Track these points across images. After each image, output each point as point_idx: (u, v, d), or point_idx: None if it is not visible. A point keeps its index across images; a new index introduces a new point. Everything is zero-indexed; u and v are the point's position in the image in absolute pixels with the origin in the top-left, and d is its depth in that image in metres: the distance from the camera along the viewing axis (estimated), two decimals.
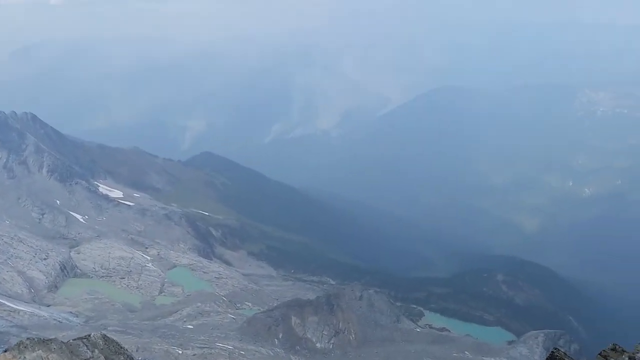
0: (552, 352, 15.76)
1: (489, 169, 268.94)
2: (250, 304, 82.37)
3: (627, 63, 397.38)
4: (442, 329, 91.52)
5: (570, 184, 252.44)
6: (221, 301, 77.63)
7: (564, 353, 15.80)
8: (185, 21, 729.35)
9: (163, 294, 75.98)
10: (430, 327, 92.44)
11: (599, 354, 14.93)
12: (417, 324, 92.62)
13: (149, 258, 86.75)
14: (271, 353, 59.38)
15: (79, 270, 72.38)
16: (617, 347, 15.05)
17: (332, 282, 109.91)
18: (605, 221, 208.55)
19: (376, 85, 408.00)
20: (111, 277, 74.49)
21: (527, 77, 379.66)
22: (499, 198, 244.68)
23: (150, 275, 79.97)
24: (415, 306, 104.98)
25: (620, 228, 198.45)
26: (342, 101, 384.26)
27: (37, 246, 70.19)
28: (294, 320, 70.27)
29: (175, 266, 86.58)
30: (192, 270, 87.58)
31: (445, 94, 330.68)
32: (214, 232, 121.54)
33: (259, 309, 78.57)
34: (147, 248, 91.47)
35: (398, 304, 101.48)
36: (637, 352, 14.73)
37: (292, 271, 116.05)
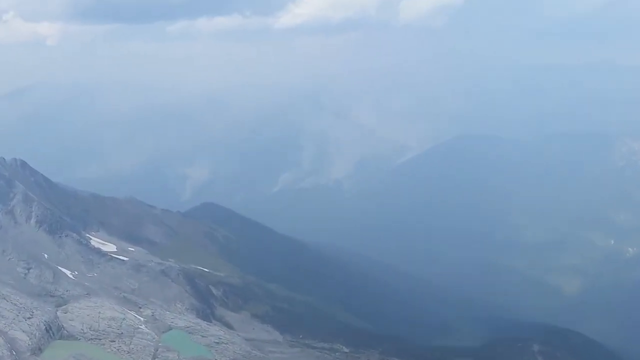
0: None
1: (520, 225, 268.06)
2: None
3: None
4: None
5: (612, 242, 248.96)
6: None
7: None
8: (190, 65, 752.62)
9: (157, 359, 74.45)
10: None
11: None
12: None
13: (142, 319, 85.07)
14: None
15: (65, 332, 71.33)
16: None
17: (345, 349, 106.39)
18: None
19: (393, 133, 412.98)
20: (100, 339, 72.98)
21: (558, 124, 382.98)
22: (531, 256, 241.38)
23: (143, 339, 78.25)
24: None
25: None
26: (356, 149, 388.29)
27: (21, 304, 69.68)
28: None
29: (170, 328, 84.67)
30: (190, 333, 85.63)
31: (468, 142, 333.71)
32: (214, 291, 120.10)
33: None
34: (140, 308, 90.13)
35: None
36: None
37: (301, 336, 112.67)
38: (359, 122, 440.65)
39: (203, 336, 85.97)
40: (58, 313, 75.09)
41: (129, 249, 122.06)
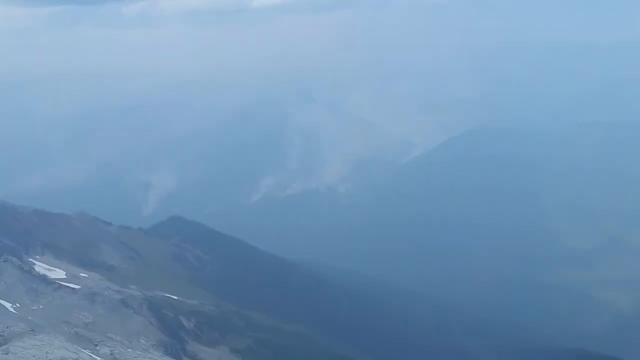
0: None
1: (559, 231, 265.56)
2: None
3: None
4: None
5: None
6: None
7: None
8: (151, 53, 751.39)
9: None
10: None
11: None
12: None
13: (99, 359, 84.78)
14: None
15: None
16: None
17: None
18: None
19: (395, 128, 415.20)
20: None
21: (592, 112, 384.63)
22: (574, 268, 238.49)
23: None
24: None
25: None
26: (353, 148, 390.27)
27: None
28: None
29: None
30: None
31: (486, 136, 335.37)
32: (185, 323, 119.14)
33: None
34: (96, 345, 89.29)
35: None
36: None
37: None
38: (355, 115, 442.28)
39: None
40: None
41: (81, 275, 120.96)
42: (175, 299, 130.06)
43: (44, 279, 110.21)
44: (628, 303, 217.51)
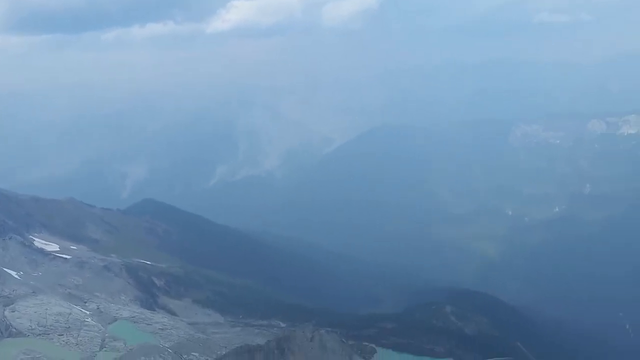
0: None
1: (444, 200, 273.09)
2: (197, 354, 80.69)
3: (555, 97, 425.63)
4: None
5: (510, 212, 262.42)
6: (166, 353, 75.87)
7: None
8: (125, 70, 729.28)
9: (104, 349, 73.64)
10: None
11: None
12: None
13: (88, 313, 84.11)
14: None
15: (14, 330, 69.41)
16: None
17: (282, 325, 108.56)
18: (555, 246, 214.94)
19: (318, 126, 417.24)
20: (49, 334, 71.67)
21: (465, 113, 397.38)
22: (455, 226, 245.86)
23: (90, 331, 77.46)
24: (367, 343, 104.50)
25: (572, 253, 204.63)
26: (286, 142, 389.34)
27: None
28: None
29: (116, 320, 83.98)
30: (135, 322, 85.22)
31: (386, 131, 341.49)
32: (156, 282, 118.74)
33: (207, 359, 77.21)
34: (85, 302, 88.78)
35: (350, 342, 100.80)
36: None
37: (241, 316, 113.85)
38: (287, 117, 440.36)
39: (148, 324, 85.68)
40: (5, 312, 73.01)
41: (71, 247, 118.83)
42: (148, 263, 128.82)
43: (41, 251, 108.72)
44: (494, 252, 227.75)
